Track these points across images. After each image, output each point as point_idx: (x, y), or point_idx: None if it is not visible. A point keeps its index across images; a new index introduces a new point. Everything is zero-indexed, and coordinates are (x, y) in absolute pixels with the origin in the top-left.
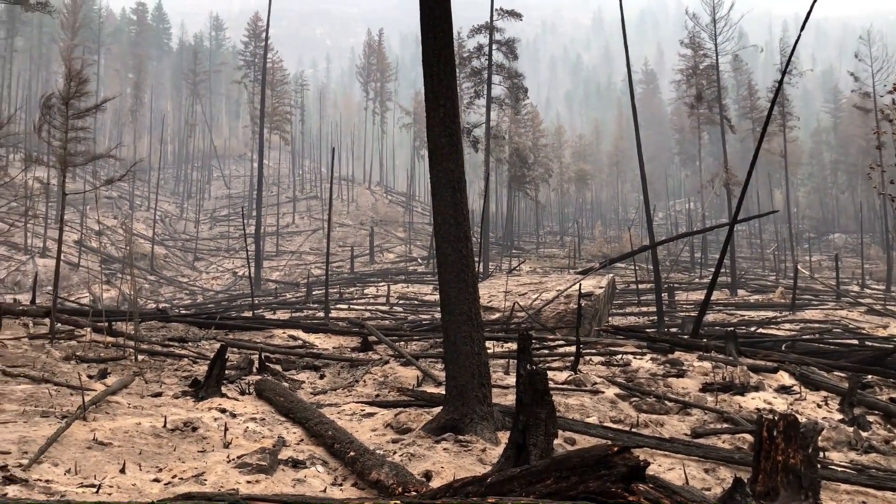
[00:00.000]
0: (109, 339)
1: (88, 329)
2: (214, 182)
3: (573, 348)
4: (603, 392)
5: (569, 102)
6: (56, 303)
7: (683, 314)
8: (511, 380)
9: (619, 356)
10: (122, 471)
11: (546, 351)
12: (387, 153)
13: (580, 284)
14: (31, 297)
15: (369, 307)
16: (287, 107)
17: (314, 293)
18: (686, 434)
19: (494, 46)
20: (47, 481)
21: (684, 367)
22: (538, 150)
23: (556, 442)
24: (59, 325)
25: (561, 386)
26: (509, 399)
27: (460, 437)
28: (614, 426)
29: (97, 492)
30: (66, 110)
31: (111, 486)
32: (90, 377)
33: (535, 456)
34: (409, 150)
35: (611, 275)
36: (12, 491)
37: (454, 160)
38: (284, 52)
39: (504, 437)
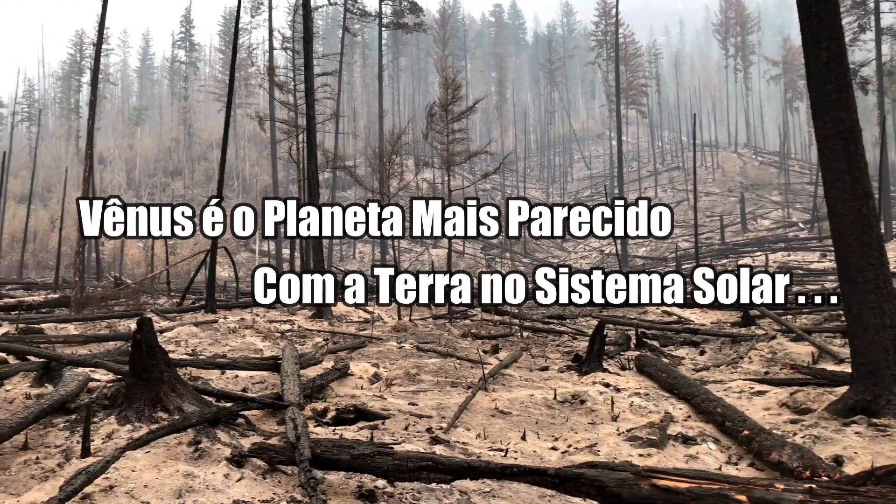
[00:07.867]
0: (497, 317)
1: (479, 309)
2: (575, 165)
3: None
4: None
5: None
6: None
7: None
8: None
9: None
10: (523, 438)
11: None
12: (753, 111)
13: None
14: None
15: None
16: (642, 79)
17: (683, 267)
18: None
19: None
20: (463, 443)
21: None
22: None
23: None
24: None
25: None
26: None
27: (874, 421)
28: None
29: (505, 456)
30: (445, 116)
31: (516, 452)
32: (485, 352)
33: None
34: (780, 103)
35: None
36: (438, 450)
37: (844, 107)
38: (634, 24)
39: None
